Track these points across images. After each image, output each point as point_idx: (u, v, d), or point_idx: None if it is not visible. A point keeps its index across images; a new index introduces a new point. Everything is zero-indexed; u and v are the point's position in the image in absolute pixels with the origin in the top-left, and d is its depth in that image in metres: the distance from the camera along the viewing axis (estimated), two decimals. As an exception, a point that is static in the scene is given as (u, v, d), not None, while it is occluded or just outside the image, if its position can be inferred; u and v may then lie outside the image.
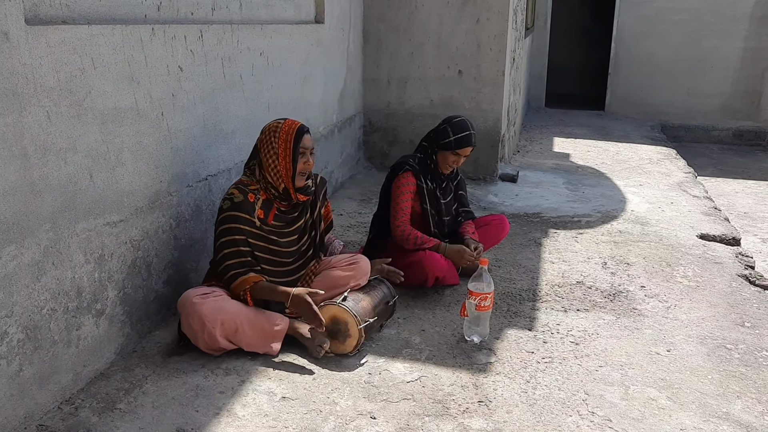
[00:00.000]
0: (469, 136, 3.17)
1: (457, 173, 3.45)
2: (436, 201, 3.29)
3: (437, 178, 3.28)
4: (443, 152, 3.20)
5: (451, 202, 3.39)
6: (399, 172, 3.21)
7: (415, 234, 3.15)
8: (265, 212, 2.60)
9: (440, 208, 3.31)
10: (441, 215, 3.32)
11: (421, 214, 3.27)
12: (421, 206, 3.25)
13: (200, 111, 2.92)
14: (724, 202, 6.05)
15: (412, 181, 3.19)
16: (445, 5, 5.08)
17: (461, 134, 3.16)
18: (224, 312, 2.44)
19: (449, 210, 3.38)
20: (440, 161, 3.23)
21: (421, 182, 3.21)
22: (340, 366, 2.52)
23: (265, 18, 3.58)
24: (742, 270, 3.65)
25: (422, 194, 3.23)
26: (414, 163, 3.23)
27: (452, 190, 3.41)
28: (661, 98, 9.26)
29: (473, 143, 3.19)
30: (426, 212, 3.26)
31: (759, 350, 2.75)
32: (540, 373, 2.52)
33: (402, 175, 3.19)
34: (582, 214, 4.63)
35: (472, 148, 3.21)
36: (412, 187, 3.20)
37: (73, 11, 2.20)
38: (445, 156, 3.21)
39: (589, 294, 3.27)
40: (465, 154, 3.21)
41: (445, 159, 3.21)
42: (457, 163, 3.23)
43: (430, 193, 3.25)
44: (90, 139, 2.24)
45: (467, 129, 3.18)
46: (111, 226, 2.39)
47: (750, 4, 8.66)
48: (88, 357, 2.34)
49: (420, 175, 3.21)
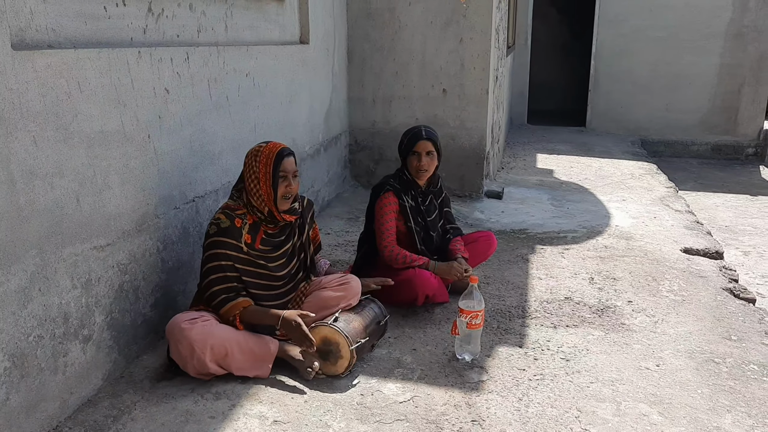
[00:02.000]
0: (419, 131, 3.18)
1: (442, 189, 3.45)
2: (421, 218, 3.30)
3: (419, 194, 3.29)
4: (407, 158, 3.22)
5: (436, 219, 3.40)
6: (380, 192, 3.22)
7: (403, 253, 3.15)
8: (252, 236, 2.58)
9: (426, 224, 3.31)
10: (427, 231, 3.32)
11: (407, 233, 3.27)
12: (406, 225, 3.25)
13: (187, 133, 2.91)
14: (706, 215, 6.13)
15: (394, 200, 3.20)
16: (429, 25, 5.13)
17: (410, 133, 3.21)
18: (213, 336, 2.41)
19: (435, 226, 3.39)
20: (410, 170, 3.23)
21: (403, 200, 3.22)
22: (331, 387, 2.50)
23: (250, 39, 3.59)
24: (726, 283, 3.69)
25: (405, 213, 3.24)
26: (394, 182, 3.25)
27: (437, 207, 3.42)
28: (640, 114, 9.39)
29: (424, 136, 3.16)
30: (411, 230, 3.26)
31: (746, 364, 2.77)
32: (532, 390, 2.52)
33: (383, 196, 3.20)
34: (567, 230, 4.66)
35: (428, 142, 3.16)
36: (395, 206, 3.20)
37: (59, 35, 2.19)
38: (410, 161, 3.21)
39: (578, 310, 3.29)
40: (425, 150, 3.17)
41: (411, 164, 3.21)
42: (421, 162, 3.17)
43: (412, 210, 3.26)
44: (76, 163, 2.22)
45: (416, 128, 3.22)
46: (98, 250, 2.36)
47: (725, 22, 8.84)
48: (75, 384, 2.30)
49: (401, 193, 3.22)
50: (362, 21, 5.27)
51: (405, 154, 3.23)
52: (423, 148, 3.17)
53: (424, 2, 5.10)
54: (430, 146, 3.18)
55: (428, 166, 3.21)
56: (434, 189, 3.37)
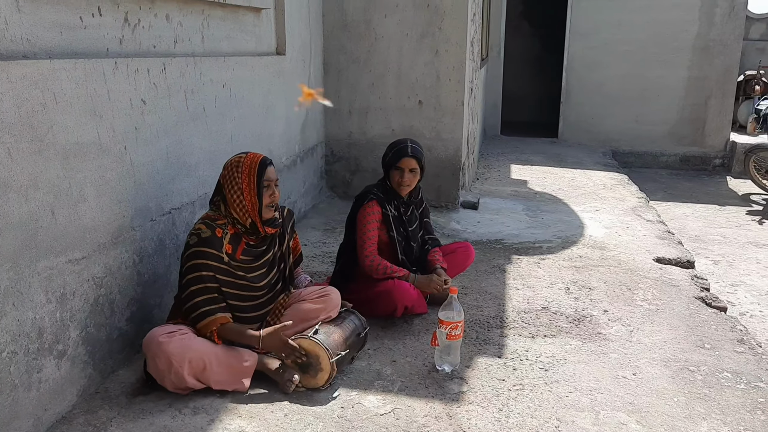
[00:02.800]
0: (404, 147, 3.19)
1: (422, 200, 3.47)
2: (403, 228, 3.31)
3: (401, 204, 3.30)
4: (390, 171, 3.23)
5: (417, 229, 3.41)
6: (364, 201, 3.21)
7: (384, 264, 3.15)
8: (233, 247, 2.56)
9: (407, 234, 3.32)
10: (408, 241, 3.33)
11: (388, 242, 3.27)
12: (388, 234, 3.26)
13: (163, 144, 2.88)
14: (676, 225, 6.24)
15: (377, 209, 3.20)
16: (405, 37, 5.16)
17: (396, 147, 3.21)
18: (192, 350, 2.38)
19: (416, 237, 3.40)
20: (392, 183, 3.24)
21: (386, 210, 3.23)
22: (312, 401, 2.48)
23: (227, 50, 3.57)
24: (698, 292, 3.76)
25: (388, 222, 3.24)
26: (378, 191, 3.25)
27: (417, 217, 3.43)
28: (611, 125, 9.54)
29: (410, 153, 3.17)
30: (393, 240, 3.26)
31: (720, 371, 2.82)
32: (512, 401, 2.53)
33: (367, 205, 3.20)
34: (543, 240, 4.71)
35: (413, 160, 3.17)
36: (378, 215, 3.20)
37: (34, 46, 2.16)
38: (392, 175, 3.22)
39: (555, 319, 3.32)
40: (409, 167, 3.18)
41: (393, 178, 3.22)
42: (403, 178, 3.18)
43: (395, 220, 3.27)
44: (52, 175, 2.19)
45: (403, 142, 3.22)
46: (73, 263, 2.32)
47: (692, 36, 9.05)
48: (50, 400, 2.25)
49: (384, 203, 3.23)
50: (338, 33, 5.28)
51: (388, 167, 3.23)
52: (407, 165, 3.17)
53: (399, 14, 5.14)
54: (414, 164, 3.19)
55: (410, 182, 3.22)
56: (415, 200, 3.38)
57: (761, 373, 2.81)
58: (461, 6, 5.02)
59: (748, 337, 3.19)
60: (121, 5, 2.59)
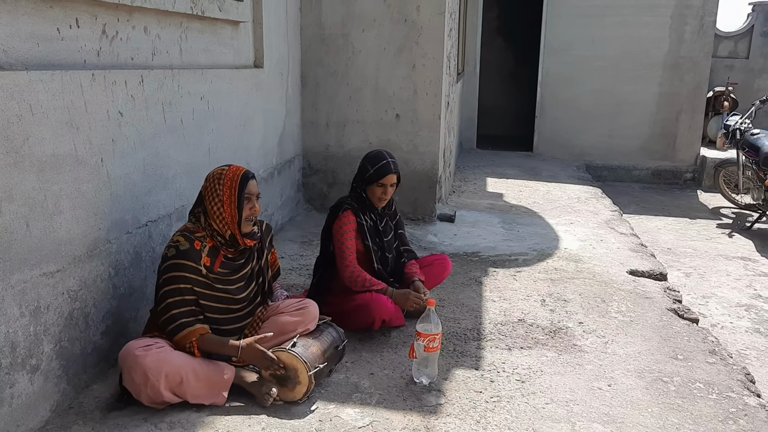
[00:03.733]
0: (387, 165, 3.22)
1: (396, 212, 3.49)
2: (378, 237, 3.32)
3: (375, 214, 3.32)
4: (370, 187, 3.25)
5: (392, 240, 3.43)
6: (339, 212, 3.23)
7: (363, 276, 3.16)
8: (211, 260, 2.55)
9: (383, 244, 3.34)
10: (384, 252, 3.35)
11: (364, 252, 3.29)
12: (363, 243, 3.27)
13: (140, 156, 2.87)
14: (649, 238, 6.35)
15: (353, 219, 3.22)
16: (382, 51, 5.21)
17: (379, 164, 3.22)
18: (168, 363, 2.36)
19: (391, 247, 3.42)
20: (370, 197, 3.26)
21: (361, 219, 3.24)
22: (289, 414, 2.47)
23: (205, 63, 3.57)
24: (671, 304, 3.82)
25: (363, 231, 3.26)
26: (352, 201, 3.27)
27: (392, 228, 3.45)
28: (585, 140, 9.69)
29: (393, 170, 3.22)
30: (368, 249, 3.28)
31: (693, 382, 2.87)
32: (489, 412, 2.55)
33: (342, 215, 3.21)
34: (518, 253, 4.75)
35: (395, 176, 3.23)
36: (353, 225, 3.22)
37: (10, 57, 2.14)
38: (372, 190, 3.24)
39: (531, 331, 3.35)
40: (390, 183, 3.23)
41: (373, 193, 3.24)
42: (385, 194, 3.24)
43: (370, 229, 3.29)
44: (27, 187, 2.16)
45: (384, 158, 3.24)
46: (48, 276, 2.29)
47: (663, 53, 9.25)
48: (22, 416, 2.21)
49: (359, 212, 3.24)
50: (316, 46, 5.31)
51: (369, 182, 3.24)
52: (389, 181, 3.22)
53: (377, 29, 5.18)
54: (395, 179, 3.25)
55: (389, 196, 3.28)
56: (389, 211, 3.41)
57: (732, 384, 2.87)
58: (438, 22, 5.08)
59: (719, 348, 3.26)
60: (99, 17, 2.58)
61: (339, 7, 5.21)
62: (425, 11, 5.08)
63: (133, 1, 2.72)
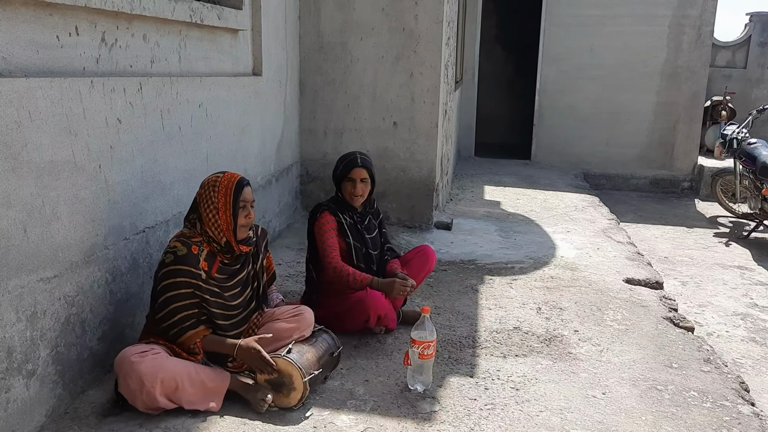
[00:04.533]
0: (354, 159, 3.24)
1: (378, 211, 3.51)
2: (359, 234, 3.33)
3: (356, 214, 3.34)
4: (342, 184, 3.27)
5: (377, 237, 3.44)
6: (317, 214, 3.27)
7: (347, 269, 3.16)
8: (209, 264, 2.57)
9: (365, 241, 3.35)
10: (367, 248, 3.35)
11: (346, 249, 3.29)
12: (345, 240, 3.28)
13: (138, 163, 2.88)
14: (646, 247, 6.36)
15: (331, 218, 3.24)
16: (380, 60, 5.24)
17: (346, 160, 3.26)
18: (164, 370, 2.37)
19: (377, 244, 3.42)
20: (345, 195, 3.28)
21: (340, 218, 3.27)
22: (284, 420, 2.48)
23: (203, 70, 3.59)
24: (667, 313, 3.84)
25: (343, 229, 3.28)
26: (329, 203, 3.32)
27: (376, 226, 3.47)
28: (582, 148, 9.72)
29: (360, 164, 3.23)
30: (350, 246, 3.29)
31: (687, 390, 2.88)
32: (483, 420, 2.56)
33: (320, 216, 3.24)
34: (515, 261, 4.77)
35: (363, 170, 3.22)
36: (333, 224, 3.24)
37: (10, 64, 2.16)
38: (344, 186, 3.26)
39: (526, 339, 3.36)
40: (360, 178, 3.22)
41: (346, 189, 3.26)
42: (356, 189, 3.22)
43: (350, 227, 3.31)
44: (25, 193, 2.18)
45: (352, 154, 3.28)
46: (45, 282, 2.30)
47: (660, 62, 9.29)
48: (17, 421, 2.21)
49: (337, 212, 3.27)
50: (314, 54, 5.34)
51: (340, 180, 3.28)
52: (358, 175, 3.23)
53: (375, 38, 5.21)
54: (365, 173, 3.24)
55: (362, 192, 3.27)
56: (371, 210, 3.43)
57: (727, 392, 2.88)
58: (436, 30, 5.11)
59: (714, 357, 3.27)
60: (99, 25, 2.61)
61: (337, 16, 5.24)
62: (423, 20, 5.11)
63: (132, 9, 2.74)
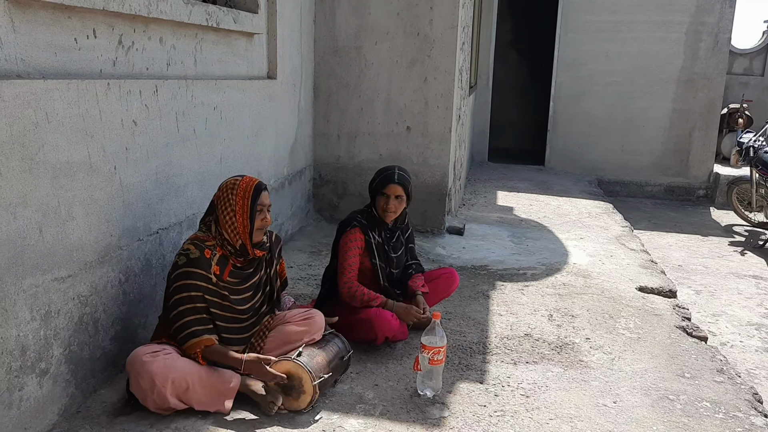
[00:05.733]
0: (391, 174, 3.20)
1: (408, 225, 3.50)
2: (386, 255, 3.32)
3: (385, 230, 3.32)
4: (376, 197, 3.25)
5: (402, 256, 3.43)
6: (347, 228, 3.23)
7: (361, 291, 3.16)
8: (221, 268, 2.59)
9: (390, 261, 3.34)
10: (391, 267, 3.35)
11: (371, 269, 3.28)
12: (371, 261, 3.27)
13: (153, 165, 2.91)
14: (660, 255, 6.32)
15: (360, 236, 3.22)
16: (394, 64, 5.25)
17: (383, 174, 3.22)
18: (175, 370, 2.39)
19: (400, 263, 3.42)
20: (378, 209, 3.25)
21: (369, 237, 3.23)
22: (293, 423, 2.49)
23: (218, 73, 3.62)
24: (680, 322, 3.81)
25: (371, 249, 3.25)
26: (362, 218, 3.26)
27: (403, 243, 3.45)
28: (597, 155, 9.68)
29: (396, 180, 3.18)
30: (376, 267, 3.28)
31: (699, 401, 2.85)
32: (493, 427, 2.55)
33: (350, 231, 3.21)
34: (527, 267, 4.75)
35: (399, 187, 3.18)
36: (360, 243, 3.22)
37: (28, 66, 2.19)
38: (378, 201, 3.24)
39: (537, 346, 3.35)
40: (394, 194, 3.19)
41: (379, 204, 3.24)
42: (389, 205, 3.19)
43: (378, 247, 3.28)
44: (41, 194, 2.20)
45: (390, 169, 3.24)
46: (59, 281, 2.33)
47: (677, 69, 9.24)
48: (30, 419, 2.24)
49: (367, 230, 3.24)
50: (329, 58, 5.36)
51: (375, 193, 3.25)
52: (393, 192, 3.19)
53: (390, 42, 5.23)
54: (400, 191, 3.20)
55: (395, 209, 3.22)
56: (401, 225, 3.41)
57: (740, 403, 2.85)
58: (450, 35, 5.12)
59: (727, 367, 3.24)
60: (116, 28, 2.64)
61: (352, 20, 5.26)
62: (438, 25, 5.12)
63: (149, 12, 2.77)
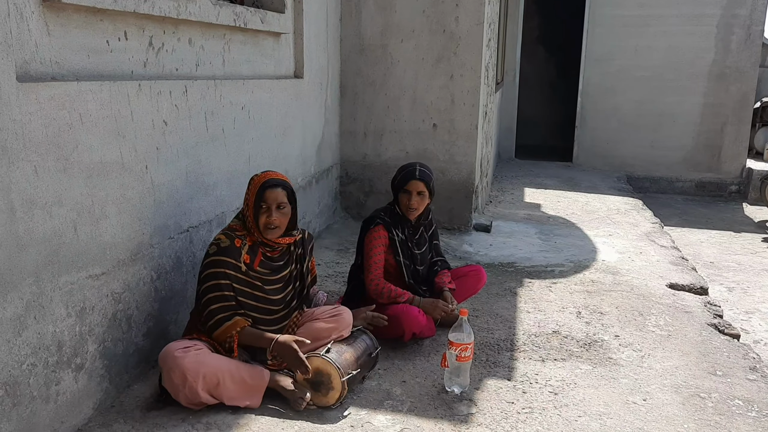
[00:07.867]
0: (413, 170, 3.19)
1: (432, 222, 3.50)
2: (410, 252, 3.33)
3: (408, 227, 3.33)
4: (399, 194, 3.25)
5: (426, 252, 3.44)
6: (371, 226, 3.25)
7: (388, 287, 3.18)
8: (251, 257, 2.64)
9: (414, 258, 3.35)
10: (416, 264, 3.36)
11: (396, 266, 3.30)
12: (395, 258, 3.28)
13: (183, 164, 2.96)
14: (690, 251, 6.22)
15: (384, 234, 3.23)
16: (420, 62, 5.25)
17: (405, 171, 3.23)
18: (206, 365, 2.43)
19: (425, 260, 3.42)
20: (401, 206, 3.25)
21: (393, 234, 3.25)
22: (322, 419, 2.51)
23: (246, 73, 3.66)
24: (711, 319, 3.75)
25: (395, 246, 3.26)
26: (385, 216, 3.28)
27: (427, 239, 3.46)
28: (626, 151, 9.55)
29: (417, 176, 3.17)
30: (400, 264, 3.29)
31: (731, 399, 2.81)
32: (521, 423, 2.54)
33: (373, 229, 3.23)
34: (555, 264, 4.72)
35: (421, 183, 3.17)
36: (384, 240, 3.23)
37: (62, 68, 2.24)
38: (400, 198, 3.24)
39: (566, 343, 3.33)
40: (416, 190, 3.18)
41: (401, 201, 3.24)
42: (411, 201, 3.18)
43: (402, 244, 3.29)
44: (75, 193, 2.26)
45: (412, 165, 3.24)
46: (93, 279, 2.38)
47: (708, 63, 9.08)
48: (66, 413, 2.30)
49: (391, 227, 3.25)
50: (355, 56, 5.38)
51: (397, 190, 3.26)
52: (414, 188, 3.19)
53: (416, 39, 5.23)
54: (422, 187, 3.19)
55: (418, 206, 3.22)
56: (425, 221, 3.42)
57: (773, 402, 2.80)
58: (476, 32, 5.10)
59: (761, 365, 3.18)
60: (146, 30, 2.69)
61: (378, 19, 5.27)
62: (464, 22, 5.11)
63: (179, 14, 2.81)
